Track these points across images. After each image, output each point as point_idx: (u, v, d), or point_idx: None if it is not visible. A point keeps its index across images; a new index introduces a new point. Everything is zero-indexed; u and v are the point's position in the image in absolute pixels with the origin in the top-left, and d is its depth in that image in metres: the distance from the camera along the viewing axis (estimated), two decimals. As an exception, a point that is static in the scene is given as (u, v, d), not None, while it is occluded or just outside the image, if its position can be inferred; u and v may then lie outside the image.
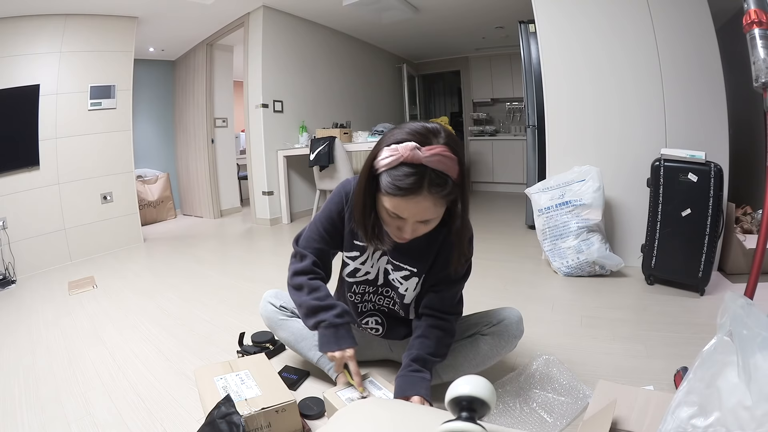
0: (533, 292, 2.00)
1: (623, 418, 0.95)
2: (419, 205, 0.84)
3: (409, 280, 1.09)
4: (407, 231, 0.90)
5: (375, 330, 1.22)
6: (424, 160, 0.81)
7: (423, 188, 0.82)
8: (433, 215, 0.88)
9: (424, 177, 0.81)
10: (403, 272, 1.09)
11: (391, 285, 1.12)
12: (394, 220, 0.90)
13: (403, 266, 1.08)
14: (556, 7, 2.31)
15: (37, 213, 2.99)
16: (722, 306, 0.75)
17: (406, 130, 0.85)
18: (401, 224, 0.90)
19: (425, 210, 0.85)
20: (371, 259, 1.10)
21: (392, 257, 1.08)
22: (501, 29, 4.89)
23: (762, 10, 1.12)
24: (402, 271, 1.09)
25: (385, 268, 1.11)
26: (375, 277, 1.13)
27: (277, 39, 3.97)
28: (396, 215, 0.88)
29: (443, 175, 0.82)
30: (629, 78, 2.17)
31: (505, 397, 1.13)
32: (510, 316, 1.14)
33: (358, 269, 1.12)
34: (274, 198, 4.08)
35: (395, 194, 0.83)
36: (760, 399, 0.64)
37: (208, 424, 0.93)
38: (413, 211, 0.86)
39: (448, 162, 0.83)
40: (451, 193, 0.85)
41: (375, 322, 1.21)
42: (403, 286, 1.10)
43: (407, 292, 1.10)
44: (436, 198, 0.84)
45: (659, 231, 1.90)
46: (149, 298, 2.20)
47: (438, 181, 0.82)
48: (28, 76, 2.93)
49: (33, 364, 1.53)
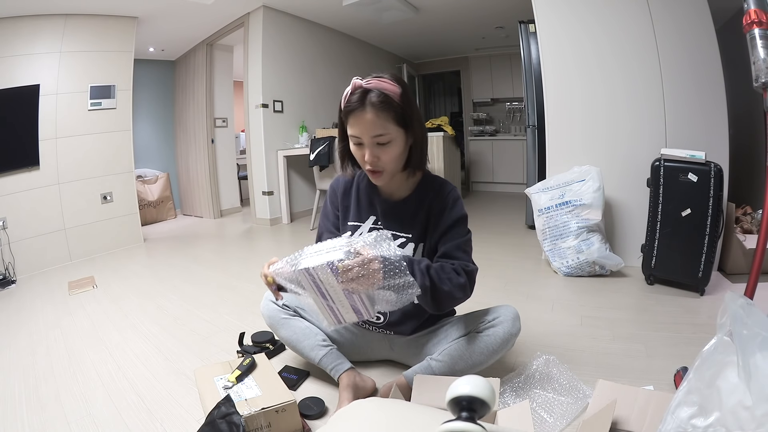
0: (533, 292, 2.00)
1: (623, 418, 0.95)
2: (365, 119, 0.99)
3: (406, 247, 1.12)
4: (368, 154, 1.02)
5: (377, 318, 1.22)
6: (365, 84, 1.00)
7: (366, 104, 0.99)
8: (381, 130, 1.00)
9: (366, 95, 0.99)
10: (399, 240, 1.13)
11: None
12: (359, 150, 1.04)
13: (397, 234, 1.13)
14: (557, 7, 2.31)
15: (37, 213, 2.99)
16: (722, 306, 0.75)
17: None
18: (364, 151, 1.03)
19: (372, 124, 0.99)
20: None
21: (385, 226, 1.14)
22: (501, 29, 4.89)
23: (762, 10, 1.12)
24: (398, 239, 1.13)
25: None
26: None
27: (277, 39, 3.97)
28: (358, 141, 1.03)
29: (382, 93, 0.99)
30: (629, 78, 2.17)
31: (505, 397, 1.13)
32: (506, 313, 1.14)
33: None
34: (274, 198, 4.08)
35: (347, 114, 1.02)
36: (760, 399, 0.64)
37: (208, 424, 0.93)
38: (364, 128, 1.00)
39: (386, 85, 1.00)
40: (391, 107, 0.99)
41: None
42: None
43: None
44: (377, 110, 0.98)
45: (659, 231, 1.90)
46: (149, 298, 2.20)
47: (378, 98, 0.98)
48: (28, 76, 2.93)
49: (33, 364, 1.53)
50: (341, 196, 1.21)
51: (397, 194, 1.15)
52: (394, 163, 1.05)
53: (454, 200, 1.11)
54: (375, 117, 0.99)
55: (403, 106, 1.01)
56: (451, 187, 1.14)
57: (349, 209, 1.19)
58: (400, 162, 1.07)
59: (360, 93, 0.99)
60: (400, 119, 1.01)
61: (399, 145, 1.04)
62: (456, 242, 1.08)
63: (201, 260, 2.98)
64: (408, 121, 1.04)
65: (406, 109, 1.02)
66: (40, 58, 2.99)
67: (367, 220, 1.17)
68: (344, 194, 1.21)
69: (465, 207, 1.14)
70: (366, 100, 0.99)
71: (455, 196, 1.12)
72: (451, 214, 1.09)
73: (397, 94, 1.01)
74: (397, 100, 1.00)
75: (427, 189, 1.13)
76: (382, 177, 1.06)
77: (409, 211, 1.13)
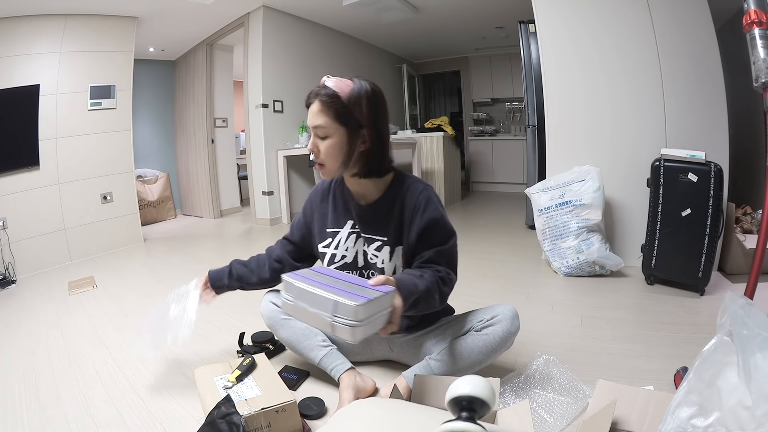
0: (533, 292, 2.00)
1: (623, 418, 0.95)
2: (311, 110, 1.06)
3: (382, 250, 1.13)
4: (310, 143, 1.08)
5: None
6: (326, 82, 1.06)
7: (315, 97, 1.05)
8: (319, 121, 1.04)
9: (319, 92, 1.05)
10: (376, 243, 1.14)
11: (371, 265, 1.16)
12: (312, 141, 1.09)
13: (373, 237, 1.14)
14: (557, 7, 2.31)
15: (37, 213, 2.99)
16: (722, 306, 0.75)
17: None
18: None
19: (314, 114, 1.05)
20: (344, 243, 1.18)
21: (363, 231, 1.16)
22: (501, 29, 4.89)
23: (762, 10, 1.12)
24: (374, 242, 1.14)
25: (363, 251, 1.17)
26: (354, 260, 1.18)
27: (277, 39, 3.97)
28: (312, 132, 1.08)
29: (332, 90, 1.04)
30: (630, 78, 2.17)
31: (505, 397, 1.13)
32: (504, 312, 1.13)
33: (335, 254, 1.19)
34: (274, 198, 4.08)
35: (307, 107, 1.08)
36: (760, 399, 0.64)
37: (208, 424, 0.93)
38: (310, 118, 1.07)
39: (342, 86, 1.04)
40: (333, 105, 1.03)
41: None
42: (379, 259, 1.14)
43: (384, 264, 1.13)
44: (321, 104, 1.04)
45: (659, 231, 1.90)
46: (149, 298, 2.20)
47: (326, 94, 1.03)
48: (28, 76, 2.93)
49: (33, 364, 1.53)
50: (318, 203, 1.24)
51: (369, 197, 1.15)
52: (331, 158, 1.06)
53: (425, 200, 1.08)
54: (318, 109, 1.04)
55: (349, 107, 1.03)
56: (422, 187, 1.11)
57: (326, 216, 1.21)
58: (338, 160, 1.06)
59: (318, 88, 1.06)
60: (342, 118, 1.04)
61: (337, 141, 1.05)
62: (438, 249, 1.06)
63: (201, 260, 2.98)
64: (352, 122, 1.04)
65: (353, 111, 1.04)
66: (40, 58, 2.99)
67: (345, 224, 1.18)
68: (321, 201, 1.23)
69: (442, 206, 1.11)
70: (317, 94, 1.05)
71: (427, 195, 1.09)
72: (423, 215, 1.07)
73: (348, 95, 1.04)
74: (344, 100, 1.03)
75: (396, 190, 1.12)
76: (324, 171, 1.09)
77: (382, 213, 1.12)
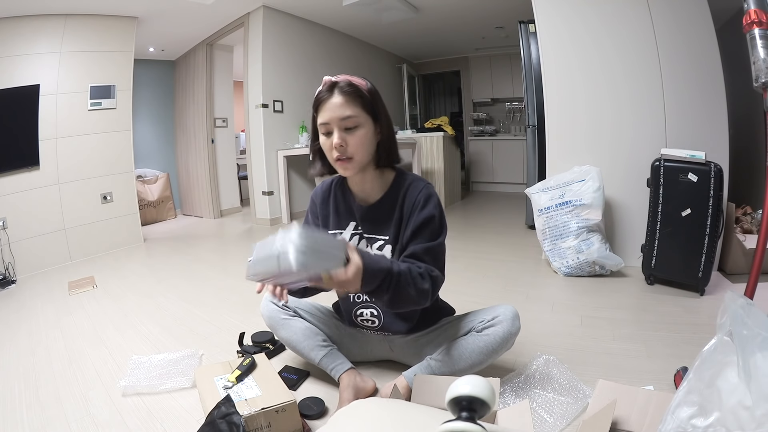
0: (533, 292, 2.00)
1: (623, 418, 0.95)
2: (334, 103, 1.01)
3: (384, 249, 1.13)
4: (336, 136, 1.01)
5: (371, 323, 1.22)
6: (334, 79, 1.04)
7: (335, 91, 1.02)
8: (349, 111, 1.01)
9: (335, 85, 1.03)
10: (378, 243, 1.14)
11: None
12: (327, 140, 1.03)
13: (376, 237, 1.14)
14: (557, 7, 2.31)
15: (37, 213, 2.99)
16: (722, 306, 0.75)
17: None
18: (332, 140, 1.02)
19: (340, 106, 1.00)
20: None
21: (365, 232, 1.15)
22: (501, 29, 4.89)
23: (762, 10, 1.12)
24: (376, 242, 1.14)
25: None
26: None
27: (277, 39, 3.97)
28: (327, 129, 1.03)
29: (351, 82, 1.03)
30: (629, 78, 2.17)
31: (505, 397, 1.13)
32: (505, 312, 1.13)
33: None
34: (274, 198, 4.08)
35: (318, 105, 1.04)
36: (760, 399, 0.64)
37: (208, 424, 0.93)
38: (332, 112, 1.01)
39: (354, 79, 1.04)
40: (360, 95, 1.02)
41: (370, 314, 1.21)
42: None
43: None
44: (346, 96, 1.01)
45: (659, 231, 1.90)
46: (149, 298, 2.20)
47: (347, 87, 1.02)
48: (28, 76, 2.93)
49: (33, 364, 1.53)
50: (320, 205, 1.21)
51: (372, 197, 1.14)
52: (362, 149, 1.03)
53: (425, 198, 1.08)
54: (343, 100, 1.01)
55: (372, 98, 1.05)
56: (423, 185, 1.11)
57: (328, 218, 1.20)
58: (368, 151, 1.05)
59: (329, 84, 1.03)
60: (368, 107, 1.04)
61: (367, 131, 1.04)
62: (426, 245, 1.04)
63: (201, 260, 2.98)
64: (376, 112, 1.06)
65: (375, 101, 1.06)
66: (40, 58, 2.99)
67: (348, 226, 1.17)
68: (322, 203, 1.21)
69: (441, 205, 1.11)
70: (335, 88, 1.02)
71: (427, 193, 1.09)
72: (421, 213, 1.06)
73: (365, 88, 1.05)
74: (365, 91, 1.04)
75: (398, 188, 1.12)
76: (351, 165, 1.03)
77: (384, 212, 1.12)
